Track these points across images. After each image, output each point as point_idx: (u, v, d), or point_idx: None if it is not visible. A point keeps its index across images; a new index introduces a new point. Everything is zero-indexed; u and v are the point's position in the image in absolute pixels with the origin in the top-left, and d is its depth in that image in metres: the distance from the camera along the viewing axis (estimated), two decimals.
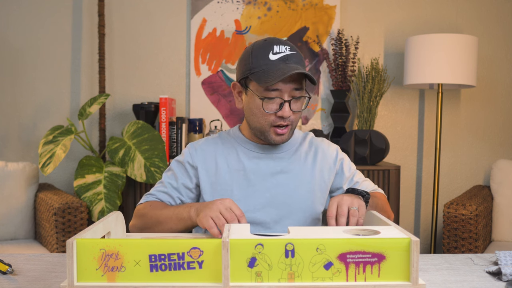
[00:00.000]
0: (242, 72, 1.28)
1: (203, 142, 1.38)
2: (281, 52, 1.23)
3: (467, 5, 2.82)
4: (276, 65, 1.21)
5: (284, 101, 1.23)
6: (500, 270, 1.02)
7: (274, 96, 1.22)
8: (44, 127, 2.75)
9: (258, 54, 1.24)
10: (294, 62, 1.23)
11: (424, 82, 2.45)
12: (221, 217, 1.06)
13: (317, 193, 1.34)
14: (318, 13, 2.78)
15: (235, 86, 1.33)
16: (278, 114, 1.23)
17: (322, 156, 1.38)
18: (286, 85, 1.22)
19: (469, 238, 2.22)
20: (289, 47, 1.25)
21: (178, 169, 1.36)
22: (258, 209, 1.29)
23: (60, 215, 2.17)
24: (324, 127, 2.81)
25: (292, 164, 1.34)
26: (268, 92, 1.22)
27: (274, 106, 1.24)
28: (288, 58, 1.23)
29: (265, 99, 1.23)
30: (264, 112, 1.24)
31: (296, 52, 1.25)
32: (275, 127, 1.26)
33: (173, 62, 2.80)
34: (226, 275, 0.82)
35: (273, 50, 1.23)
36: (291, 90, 1.23)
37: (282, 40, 1.26)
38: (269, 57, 1.23)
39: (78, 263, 0.84)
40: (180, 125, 2.57)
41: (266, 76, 1.21)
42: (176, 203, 1.35)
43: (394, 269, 0.83)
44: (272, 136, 1.27)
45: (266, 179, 1.31)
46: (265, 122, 1.26)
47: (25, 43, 2.76)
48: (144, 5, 2.77)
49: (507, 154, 2.87)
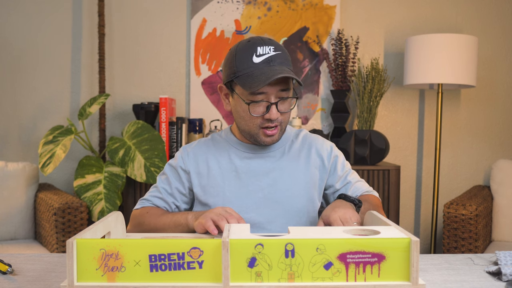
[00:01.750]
0: (227, 75, 1.25)
1: (195, 145, 1.37)
2: (265, 54, 1.20)
3: (467, 5, 2.82)
4: (260, 69, 1.19)
5: (270, 103, 1.21)
6: (500, 270, 1.02)
7: (260, 100, 1.20)
8: (44, 127, 2.75)
9: (242, 57, 1.21)
10: (278, 64, 1.21)
11: (424, 82, 2.45)
12: (220, 216, 1.08)
13: (312, 191, 1.32)
14: (318, 13, 2.78)
15: (221, 89, 1.32)
16: (266, 117, 1.22)
17: (316, 152, 1.35)
18: (272, 88, 1.20)
19: (469, 238, 2.22)
20: (273, 47, 1.22)
21: (171, 173, 1.36)
22: (252, 210, 1.28)
23: (60, 215, 2.17)
24: (324, 127, 2.81)
25: (284, 162, 1.32)
26: (254, 95, 1.20)
27: (261, 109, 1.22)
28: (272, 59, 1.20)
29: (251, 103, 1.21)
30: (251, 116, 1.22)
31: (281, 52, 1.22)
32: (264, 128, 1.24)
33: (173, 62, 2.80)
34: (226, 275, 0.82)
35: (256, 52, 1.20)
36: (277, 91, 1.21)
37: (266, 40, 1.23)
38: (253, 59, 1.20)
39: (78, 263, 0.84)
40: (180, 125, 2.57)
41: (250, 81, 1.18)
42: (171, 208, 1.35)
43: (394, 269, 0.83)
44: (262, 137, 1.26)
45: (259, 179, 1.30)
46: (253, 125, 1.24)
47: (25, 43, 2.76)
48: (144, 5, 2.77)
49: (507, 154, 2.87)
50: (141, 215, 1.32)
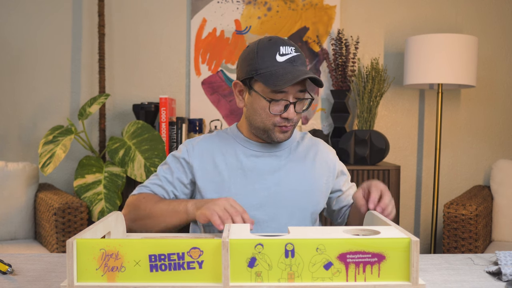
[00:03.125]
0: (246, 72, 1.26)
1: (200, 140, 1.37)
2: (288, 54, 1.23)
3: (467, 5, 2.82)
4: (284, 68, 1.21)
5: (290, 103, 1.23)
6: (500, 270, 1.02)
7: (280, 98, 1.23)
8: (44, 127, 2.75)
9: (265, 55, 1.23)
10: (300, 64, 1.24)
11: (424, 82, 2.45)
12: (226, 212, 1.07)
13: (316, 192, 1.34)
14: (318, 13, 2.78)
15: (236, 85, 1.32)
16: (283, 116, 1.24)
17: (321, 158, 1.38)
18: (293, 88, 1.23)
19: (469, 238, 2.22)
20: (294, 48, 1.25)
21: (174, 163, 1.35)
22: (256, 208, 1.29)
23: (60, 215, 2.17)
24: (324, 127, 2.81)
25: (290, 163, 1.34)
26: (275, 94, 1.23)
27: (280, 107, 1.24)
28: (295, 59, 1.23)
29: (272, 101, 1.23)
30: (269, 113, 1.24)
31: (300, 53, 1.26)
32: (279, 126, 1.26)
33: (173, 62, 2.80)
34: (226, 275, 0.82)
35: (279, 51, 1.23)
36: (296, 92, 1.24)
37: (286, 41, 1.26)
38: (276, 58, 1.22)
39: (78, 263, 0.84)
40: (180, 125, 2.57)
41: (275, 79, 1.20)
42: (169, 197, 1.34)
43: (394, 269, 0.83)
44: (277, 134, 1.28)
45: (264, 178, 1.31)
46: (270, 122, 1.26)
47: (25, 43, 2.76)
48: (144, 5, 2.77)
49: (507, 154, 2.87)
50: (138, 200, 1.31)
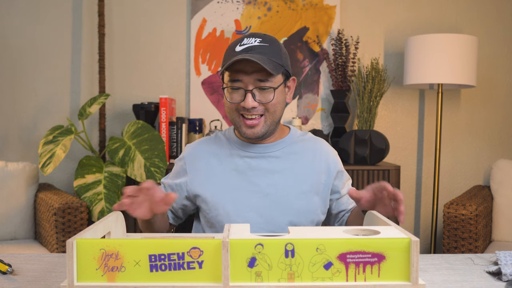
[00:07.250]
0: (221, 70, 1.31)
1: (198, 143, 1.39)
2: (248, 44, 1.24)
3: (467, 5, 2.82)
4: (237, 55, 1.22)
5: (245, 90, 1.23)
6: (500, 270, 1.02)
7: (237, 87, 1.24)
8: (44, 127, 2.75)
9: (229, 48, 1.27)
10: (257, 53, 1.22)
11: (424, 82, 2.45)
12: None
13: (313, 193, 1.32)
14: (318, 13, 2.78)
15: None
16: (241, 105, 1.25)
17: (321, 157, 1.35)
18: (248, 76, 1.22)
19: (469, 238, 2.22)
20: (261, 39, 1.24)
21: (175, 169, 1.40)
22: (252, 209, 1.28)
23: (60, 215, 2.17)
24: (324, 127, 2.81)
25: (286, 164, 1.32)
26: (232, 82, 1.24)
27: (238, 96, 1.25)
28: (252, 48, 1.22)
29: (228, 89, 1.25)
30: (230, 103, 1.26)
31: (268, 44, 1.24)
32: (244, 119, 1.26)
33: (173, 62, 2.80)
34: (226, 275, 0.82)
35: (241, 43, 1.25)
36: (254, 80, 1.23)
37: (258, 34, 1.27)
38: (235, 49, 1.24)
39: (78, 263, 0.84)
40: (180, 125, 2.57)
41: (223, 65, 1.25)
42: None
43: (394, 269, 0.83)
44: (243, 129, 1.28)
45: (259, 179, 1.30)
46: (235, 114, 1.28)
47: (25, 43, 2.76)
48: (144, 5, 2.77)
49: (507, 154, 2.87)
50: None
